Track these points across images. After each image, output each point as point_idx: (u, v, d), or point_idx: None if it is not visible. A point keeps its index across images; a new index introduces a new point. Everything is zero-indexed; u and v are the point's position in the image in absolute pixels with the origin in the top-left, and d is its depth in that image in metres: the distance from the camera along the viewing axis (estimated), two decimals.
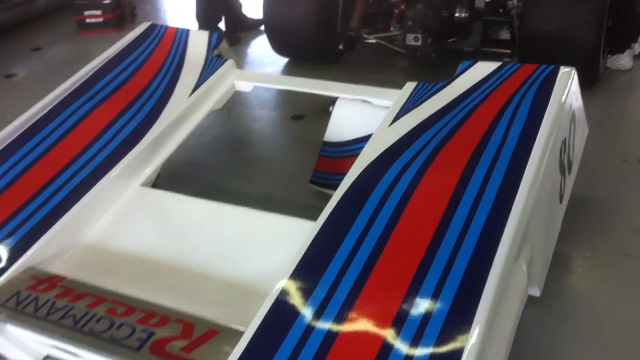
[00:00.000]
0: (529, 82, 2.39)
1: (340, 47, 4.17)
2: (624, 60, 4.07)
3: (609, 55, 4.06)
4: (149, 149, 2.43)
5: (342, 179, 2.07)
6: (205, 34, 3.02)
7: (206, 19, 4.86)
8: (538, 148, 2.05)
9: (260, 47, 4.85)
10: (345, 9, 4.22)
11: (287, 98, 4.18)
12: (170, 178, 2.81)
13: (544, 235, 2.10)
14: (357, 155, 2.26)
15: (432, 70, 4.18)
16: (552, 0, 3.62)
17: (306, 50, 4.34)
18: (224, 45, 3.06)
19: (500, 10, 4.04)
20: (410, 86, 2.55)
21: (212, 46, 2.96)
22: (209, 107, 2.70)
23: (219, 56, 2.97)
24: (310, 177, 2.90)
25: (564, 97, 2.30)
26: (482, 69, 2.52)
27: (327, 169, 2.88)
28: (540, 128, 2.14)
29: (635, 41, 4.14)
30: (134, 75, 2.83)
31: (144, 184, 2.38)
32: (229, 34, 5.02)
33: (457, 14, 4.01)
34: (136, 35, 3.11)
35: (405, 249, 1.79)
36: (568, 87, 2.36)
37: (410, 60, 4.40)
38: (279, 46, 4.44)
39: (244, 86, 2.82)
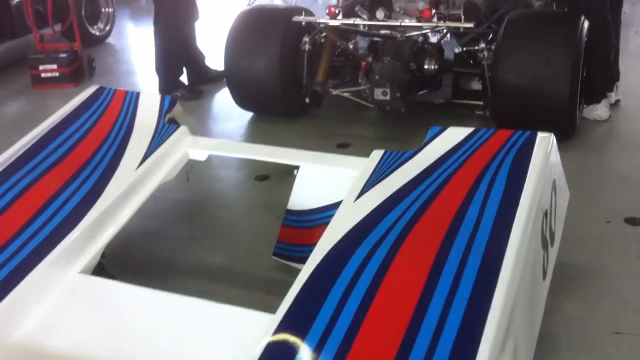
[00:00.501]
0: (504, 149, 2.21)
1: (307, 100, 3.99)
2: (600, 110, 3.94)
3: (584, 106, 3.93)
4: (90, 230, 2.19)
5: (307, 251, 1.88)
6: (156, 98, 2.81)
7: (166, 72, 4.66)
8: (519, 224, 1.86)
9: (224, 101, 4.66)
10: (310, 61, 4.05)
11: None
12: (121, 253, 2.57)
13: (529, 320, 1.89)
14: (321, 225, 2.07)
15: (403, 123, 4.02)
16: (523, 51, 3.48)
17: (271, 104, 4.16)
18: (178, 109, 2.85)
19: (471, 61, 3.89)
20: (377, 154, 2.36)
21: (164, 111, 2.74)
22: (159, 179, 2.47)
23: (173, 121, 2.76)
24: (274, 248, 2.68)
25: (543, 165, 2.12)
26: (453, 135, 2.33)
27: (290, 240, 2.65)
28: (520, 201, 1.96)
29: (612, 90, 4.03)
30: (77, 145, 2.60)
31: (84, 271, 2.13)
32: (191, 87, 4.84)
33: (426, 66, 3.86)
34: (82, 100, 2.89)
35: (374, 348, 1.57)
36: (547, 154, 2.18)
37: (381, 113, 4.23)
38: (242, 101, 4.24)
39: (199, 154, 2.60)
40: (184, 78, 4.86)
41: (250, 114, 4.37)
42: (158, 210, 3.15)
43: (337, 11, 3.84)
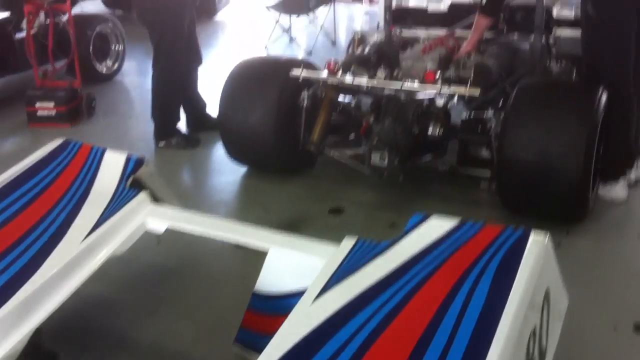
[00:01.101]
0: (491, 249, 1.92)
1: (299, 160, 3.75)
2: (617, 191, 3.61)
3: (600, 185, 3.61)
4: (17, 312, 1.94)
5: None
6: (121, 157, 2.57)
7: (162, 119, 4.47)
8: (497, 347, 1.57)
9: (220, 152, 4.40)
10: (309, 117, 3.81)
11: (236, 211, 3.72)
12: (71, 324, 2.33)
13: None
14: (285, 315, 1.81)
15: (402, 189, 3.73)
16: (532, 123, 3.19)
17: (264, 161, 3.92)
18: (146, 170, 2.60)
19: (479, 129, 3.60)
20: (348, 243, 2.09)
21: (127, 172, 2.51)
22: (108, 253, 2.21)
23: (138, 184, 2.52)
24: (236, 334, 2.40)
25: (534, 272, 1.83)
26: (435, 227, 2.05)
27: (254, 327, 2.36)
28: (503, 316, 1.67)
29: (631, 167, 3.70)
30: (27, 207, 2.38)
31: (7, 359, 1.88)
32: (189, 135, 4.63)
33: (430, 131, 3.59)
34: (45, 153, 2.68)
35: None
36: (540, 258, 1.88)
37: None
38: (234, 155, 4.01)
39: (157, 225, 2.35)
40: (182, 125, 4.66)
41: (244, 169, 4.13)
42: (122, 275, 2.90)
43: (336, 67, 3.60)
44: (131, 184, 2.50)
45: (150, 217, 2.35)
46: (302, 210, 3.65)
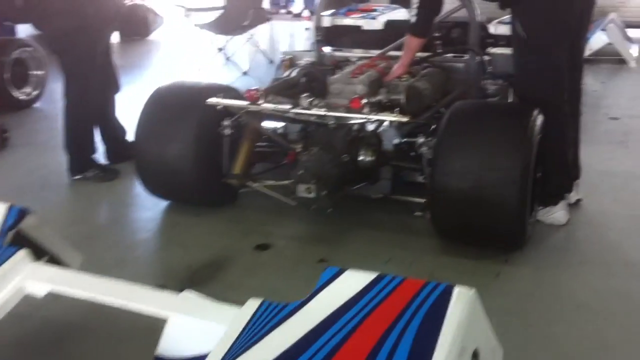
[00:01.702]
0: (411, 308, 1.68)
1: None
2: (557, 214, 3.44)
3: (540, 208, 3.45)
4: None
5: None
6: (1, 208, 2.26)
7: (76, 151, 4.14)
8: None
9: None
10: (232, 147, 3.54)
11: (154, 253, 3.41)
12: None
13: None
14: None
15: (335, 219, 3.49)
16: (464, 150, 3.00)
17: (185, 194, 3.63)
18: (31, 222, 2.30)
19: (412, 154, 3.40)
20: (251, 306, 1.82)
21: (6, 226, 2.20)
22: None
23: (22, 239, 2.21)
24: None
25: (459, 332, 1.60)
26: (350, 284, 1.81)
27: None
28: None
29: (570, 191, 3.55)
30: None
31: None
32: (107, 166, 4.32)
33: (361, 158, 3.37)
34: None
35: None
36: (466, 315, 1.65)
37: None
38: (152, 189, 3.71)
39: (37, 289, 2.04)
40: (100, 155, 4.34)
41: (165, 202, 3.83)
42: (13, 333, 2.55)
43: (258, 95, 3.35)
44: (13, 240, 2.20)
45: (30, 279, 2.05)
46: (227, 247, 3.37)
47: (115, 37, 8.60)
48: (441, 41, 5.07)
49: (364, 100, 3.20)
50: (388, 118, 3.17)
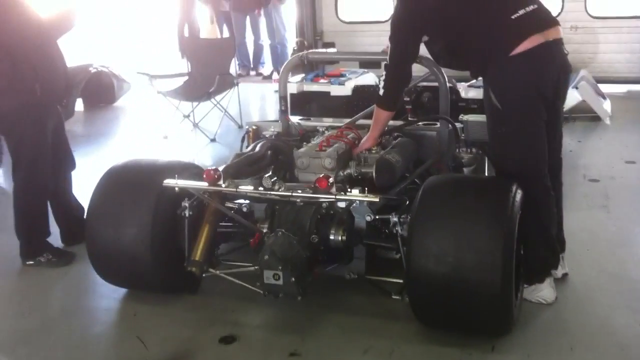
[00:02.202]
0: None
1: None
2: (544, 292, 3.22)
3: (525, 286, 3.23)
4: None
5: None
6: None
7: (27, 235, 3.86)
8: None
9: None
10: (193, 228, 3.29)
11: (109, 349, 3.12)
12: None
13: None
14: None
15: (307, 305, 3.22)
16: (441, 230, 2.78)
17: (143, 282, 3.35)
18: None
19: (386, 231, 3.18)
20: None
21: None
22: None
23: None
24: None
25: None
26: None
27: None
28: None
29: (556, 267, 3.34)
30: None
31: None
32: (62, 249, 4.03)
33: (332, 237, 3.14)
34: None
35: None
36: None
37: None
38: (107, 277, 3.44)
39: None
40: (54, 239, 4.06)
41: (123, 289, 3.54)
42: None
43: (216, 175, 3.12)
44: None
45: None
46: (189, 340, 3.09)
47: (79, 105, 8.45)
48: (411, 106, 4.99)
49: (331, 180, 2.98)
50: (357, 198, 2.96)
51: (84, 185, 3.96)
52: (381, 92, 3.34)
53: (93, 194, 3.38)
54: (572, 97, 6.82)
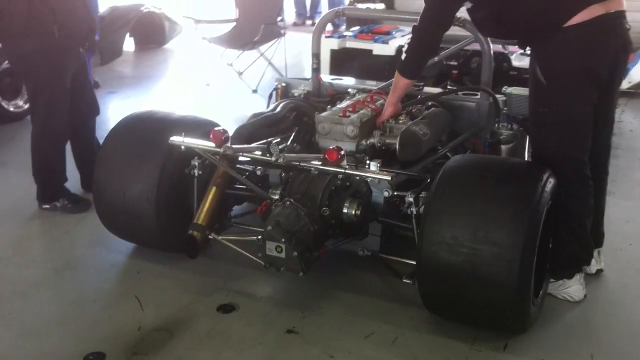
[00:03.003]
0: None
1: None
2: (572, 289, 2.94)
3: (552, 280, 2.96)
4: None
5: None
6: None
7: (44, 179, 3.83)
8: None
9: None
10: (202, 189, 3.13)
11: (107, 307, 2.96)
12: None
13: None
14: None
15: (314, 279, 3.07)
16: (457, 217, 2.53)
17: (148, 240, 3.25)
18: None
19: (402, 210, 2.95)
20: None
21: None
22: None
23: None
24: None
25: None
26: None
27: None
28: None
29: (588, 263, 3.05)
30: None
31: None
32: (80, 195, 3.96)
33: (345, 211, 2.92)
34: None
35: None
36: None
37: None
38: (114, 232, 3.34)
39: None
40: (72, 184, 3.98)
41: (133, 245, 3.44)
42: None
43: (224, 137, 2.93)
44: None
45: None
46: (186, 307, 2.97)
47: (130, 45, 8.36)
48: (457, 71, 4.66)
49: (342, 152, 2.75)
50: (367, 175, 2.73)
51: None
52: (403, 56, 3.04)
53: (103, 144, 3.27)
54: None
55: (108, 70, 7.27)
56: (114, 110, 5.94)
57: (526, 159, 3.56)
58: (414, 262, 2.83)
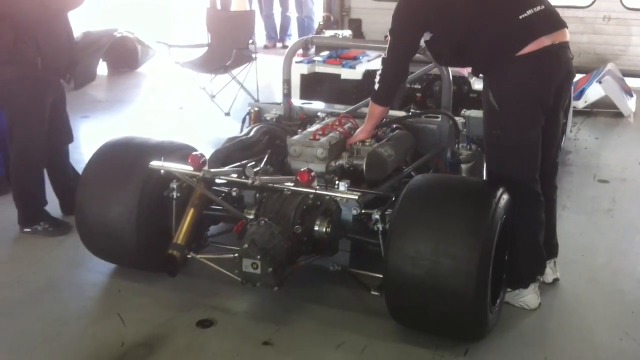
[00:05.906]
0: None
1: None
2: (527, 298, 3.17)
3: (508, 290, 3.18)
4: None
5: None
6: None
7: (25, 204, 3.94)
8: None
9: None
10: (181, 210, 3.30)
11: (89, 325, 3.09)
12: None
13: None
14: None
15: (288, 293, 3.24)
16: (419, 233, 2.75)
17: (129, 260, 3.39)
18: None
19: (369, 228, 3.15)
20: None
21: None
22: None
23: None
24: None
25: None
26: None
27: None
28: None
29: (542, 274, 3.28)
30: None
31: None
32: (60, 218, 4.09)
33: (316, 228, 3.11)
34: None
35: None
36: None
37: None
38: (95, 252, 3.48)
39: None
40: (52, 208, 4.11)
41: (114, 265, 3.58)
42: None
43: (201, 161, 3.12)
44: None
45: None
46: (167, 322, 3.12)
47: (103, 69, 8.50)
48: (421, 94, 4.91)
49: (312, 174, 2.95)
50: (335, 194, 2.93)
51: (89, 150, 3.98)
52: (376, 86, 3.26)
53: (84, 170, 3.41)
54: (596, 92, 6.65)
55: (81, 95, 7.39)
56: (88, 134, 6.07)
57: (484, 177, 3.80)
58: (381, 276, 3.04)
